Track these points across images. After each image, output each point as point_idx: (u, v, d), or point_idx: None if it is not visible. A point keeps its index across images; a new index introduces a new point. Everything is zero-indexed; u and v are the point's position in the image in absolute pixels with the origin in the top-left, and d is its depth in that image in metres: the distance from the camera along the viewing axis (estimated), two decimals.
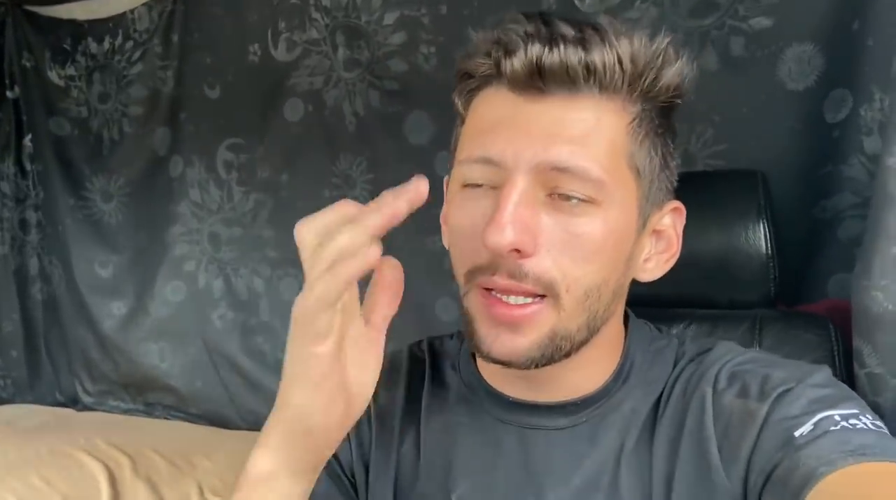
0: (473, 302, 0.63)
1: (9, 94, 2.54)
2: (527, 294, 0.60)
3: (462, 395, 0.74)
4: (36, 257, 2.56)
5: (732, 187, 1.10)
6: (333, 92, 1.91)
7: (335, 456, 0.73)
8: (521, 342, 0.61)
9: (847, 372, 1.01)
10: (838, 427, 0.57)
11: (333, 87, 1.91)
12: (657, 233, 0.68)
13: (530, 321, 0.61)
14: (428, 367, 0.78)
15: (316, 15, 1.90)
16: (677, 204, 0.69)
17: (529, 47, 0.58)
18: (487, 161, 0.60)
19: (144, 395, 2.36)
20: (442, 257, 2.01)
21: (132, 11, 2.21)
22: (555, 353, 0.62)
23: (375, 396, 0.74)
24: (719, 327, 1.09)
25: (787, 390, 0.62)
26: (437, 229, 0.73)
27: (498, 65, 0.61)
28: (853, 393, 0.64)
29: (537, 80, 0.59)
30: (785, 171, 1.32)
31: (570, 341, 0.63)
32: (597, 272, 0.61)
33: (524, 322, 0.61)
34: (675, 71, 0.61)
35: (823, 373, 0.65)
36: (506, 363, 0.63)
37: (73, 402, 2.52)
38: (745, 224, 1.06)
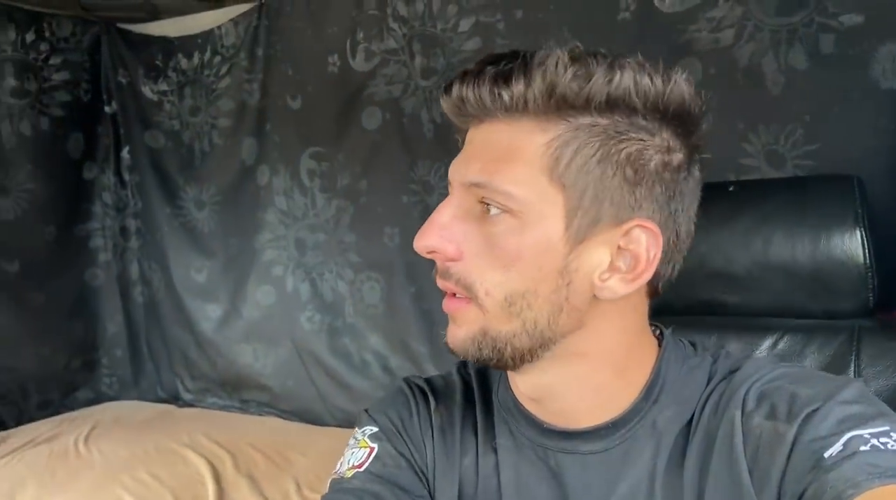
0: None
1: (107, 109, 2.70)
2: (454, 294, 0.67)
3: (503, 418, 0.76)
4: (136, 263, 2.72)
5: (827, 193, 1.08)
6: (411, 100, 1.95)
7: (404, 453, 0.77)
8: (458, 333, 0.67)
9: None
10: (868, 447, 0.56)
11: (411, 95, 1.95)
12: (622, 250, 0.66)
13: (462, 314, 0.67)
14: (476, 387, 0.81)
15: (393, 25, 1.94)
16: (647, 223, 0.65)
17: (456, 86, 0.66)
18: (448, 181, 0.69)
19: (240, 392, 2.48)
20: None
21: (219, 27, 2.31)
22: (495, 353, 0.66)
23: (436, 409, 0.78)
24: (814, 339, 1.07)
25: (815, 410, 0.61)
26: None
27: (442, 104, 0.70)
28: (886, 408, 0.62)
29: (462, 112, 0.67)
30: (879, 172, 1.27)
31: (509, 345, 0.66)
32: (517, 280, 0.64)
33: (458, 315, 0.67)
34: (598, 83, 0.61)
35: (854, 388, 0.64)
36: (454, 353, 0.69)
37: (174, 398, 2.67)
38: (841, 231, 1.03)
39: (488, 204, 0.64)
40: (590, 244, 0.64)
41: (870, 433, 0.58)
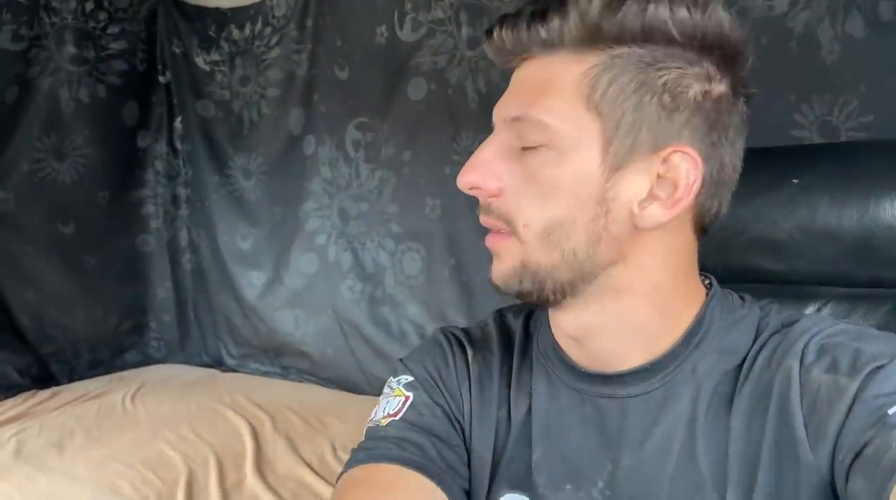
0: None
1: (161, 78, 2.77)
2: (496, 228, 0.68)
3: (541, 364, 0.76)
4: (185, 230, 2.79)
5: (876, 158, 1.04)
6: (457, 70, 1.95)
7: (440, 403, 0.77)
8: (501, 268, 0.68)
9: None
10: None
11: (457, 65, 1.95)
12: (661, 178, 0.66)
13: (503, 249, 0.67)
14: (516, 338, 0.81)
15: None
16: (687, 148, 0.65)
17: (496, 31, 0.68)
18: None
19: (281, 359, 2.53)
20: None
21: None
22: (537, 286, 0.67)
23: (473, 359, 0.79)
24: (860, 307, 1.03)
25: (880, 367, 0.60)
26: None
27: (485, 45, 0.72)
28: None
29: (506, 54, 0.69)
30: None
31: (549, 277, 0.66)
32: (554, 210, 0.65)
33: (498, 249, 0.68)
34: (634, 13, 0.62)
35: None
36: (498, 288, 0.69)
37: (217, 363, 2.74)
38: (890, 197, 1.00)
39: (525, 138, 0.66)
40: (627, 172, 0.64)
41: None
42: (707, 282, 0.75)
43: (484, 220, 0.69)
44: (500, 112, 0.68)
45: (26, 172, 2.49)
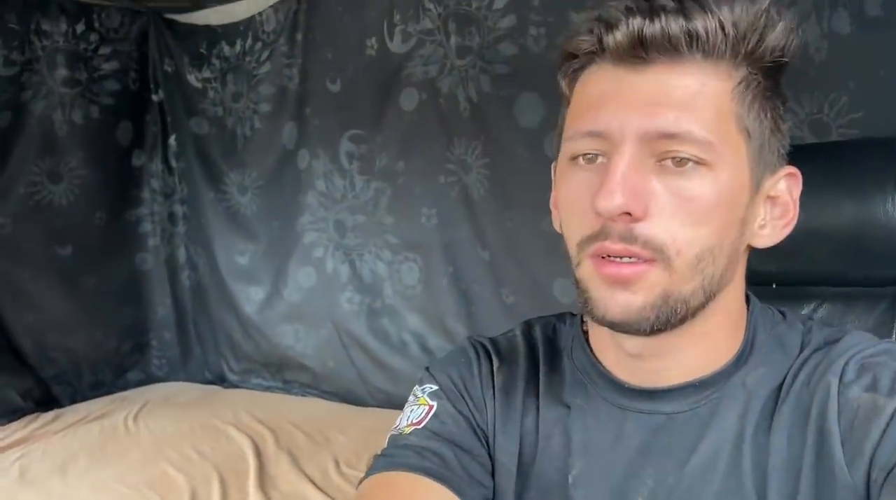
0: (586, 270, 0.64)
1: (154, 97, 2.77)
2: (637, 257, 0.61)
3: (577, 380, 0.74)
4: (183, 247, 2.80)
5: (868, 157, 1.04)
6: (447, 79, 1.95)
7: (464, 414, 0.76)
8: (635, 301, 0.62)
9: None
10: None
11: (447, 74, 1.95)
12: (772, 199, 0.66)
13: (641, 279, 0.61)
14: (542, 352, 0.79)
15: (429, 5, 1.94)
16: (792, 169, 0.66)
17: (631, 20, 0.60)
18: (595, 134, 0.62)
19: (283, 373, 2.53)
20: (558, 238, 2.00)
21: (260, 14, 2.35)
22: (671, 316, 0.62)
23: (499, 369, 0.77)
24: (854, 307, 1.03)
25: None
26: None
27: (601, 40, 0.62)
28: None
29: (640, 51, 0.60)
30: None
31: (685, 305, 0.63)
32: (709, 235, 0.61)
33: (635, 280, 0.61)
34: (779, 33, 0.60)
35: None
36: (622, 324, 0.63)
37: (220, 379, 2.74)
38: (882, 195, 0.99)
39: (675, 156, 0.60)
40: (761, 194, 0.65)
41: None
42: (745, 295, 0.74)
43: (622, 248, 0.61)
44: (633, 124, 0.60)
45: (22, 195, 2.50)
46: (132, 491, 1.77)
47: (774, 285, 1.11)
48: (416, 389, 0.79)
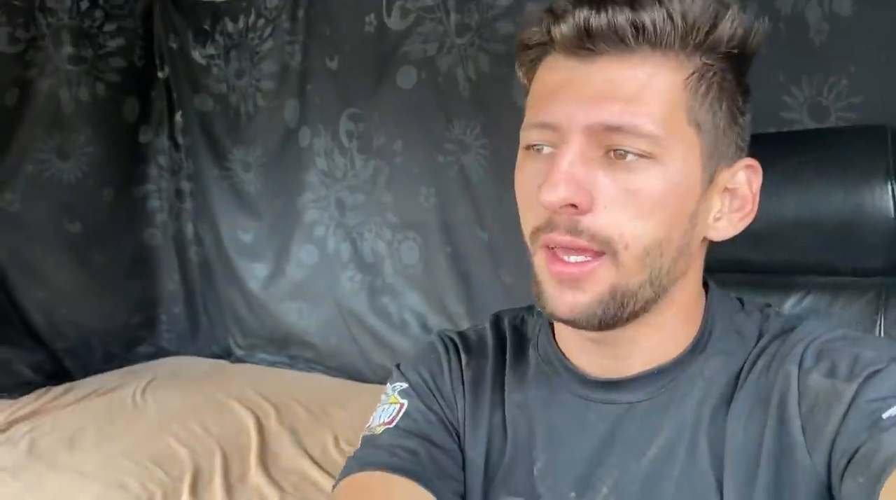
0: (539, 262, 0.64)
1: (160, 74, 2.78)
2: (584, 251, 0.61)
3: (542, 370, 0.75)
4: (191, 223, 2.82)
5: (857, 144, 1.02)
6: (447, 58, 1.94)
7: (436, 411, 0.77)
8: (582, 299, 0.62)
9: None
10: None
11: (447, 53, 1.93)
12: (730, 191, 0.65)
13: (589, 278, 0.61)
14: (509, 343, 0.79)
15: None
16: (751, 161, 0.65)
17: (577, 12, 0.59)
18: (545, 126, 0.62)
19: (287, 349, 2.56)
20: None
21: None
22: (618, 311, 0.62)
23: (468, 365, 0.78)
24: (840, 297, 1.02)
25: (877, 371, 0.59)
26: None
27: (549, 31, 0.61)
28: None
29: (587, 43, 0.59)
30: None
31: (633, 299, 0.63)
32: (656, 229, 0.61)
33: (583, 278, 0.61)
34: (730, 23, 0.59)
35: None
36: (570, 322, 0.63)
37: (227, 354, 2.78)
38: (871, 185, 0.98)
39: (620, 149, 0.59)
40: (715, 187, 0.64)
41: None
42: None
43: (568, 241, 0.61)
44: (580, 117, 0.59)
45: (31, 172, 2.53)
46: (137, 465, 1.81)
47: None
48: (388, 387, 0.79)
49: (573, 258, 0.61)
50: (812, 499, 0.61)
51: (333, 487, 0.72)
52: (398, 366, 0.81)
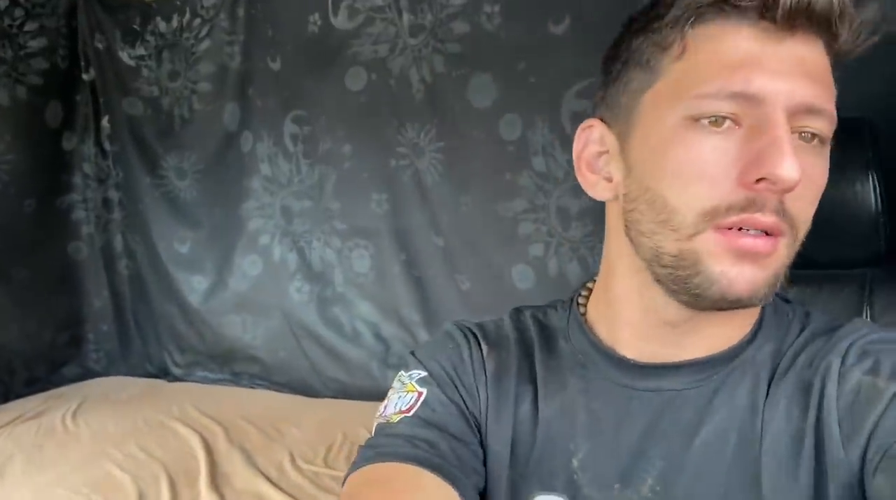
0: (707, 242, 0.61)
1: (84, 76, 2.61)
2: (775, 232, 0.60)
3: (578, 362, 0.73)
4: (120, 235, 2.66)
5: (840, 137, 1.03)
6: (399, 59, 1.88)
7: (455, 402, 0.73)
8: (762, 276, 0.60)
9: None
10: None
11: (399, 54, 1.88)
12: None
13: (773, 254, 0.60)
14: (536, 336, 0.77)
15: None
16: None
17: None
18: (745, 96, 0.58)
19: (231, 365, 2.44)
20: (516, 223, 1.99)
21: None
22: (774, 290, 0.62)
23: (489, 355, 0.75)
24: (824, 289, 1.03)
25: None
26: (508, 195, 0.73)
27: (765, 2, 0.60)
28: None
29: (800, 19, 0.58)
30: (889, 120, 1.23)
31: (780, 280, 0.63)
32: (814, 208, 0.62)
33: (769, 254, 0.60)
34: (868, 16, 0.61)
35: None
36: (745, 299, 0.61)
37: (163, 373, 2.63)
38: (852, 176, 0.99)
39: (814, 132, 0.60)
40: None
41: None
42: None
43: (773, 222, 0.59)
44: (786, 93, 0.58)
45: None
46: (75, 494, 1.68)
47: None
48: (403, 375, 0.75)
49: (753, 231, 0.60)
50: (844, 491, 0.60)
51: (344, 478, 0.67)
52: (413, 354, 0.77)
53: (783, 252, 0.60)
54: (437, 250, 1.95)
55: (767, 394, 0.65)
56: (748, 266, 0.60)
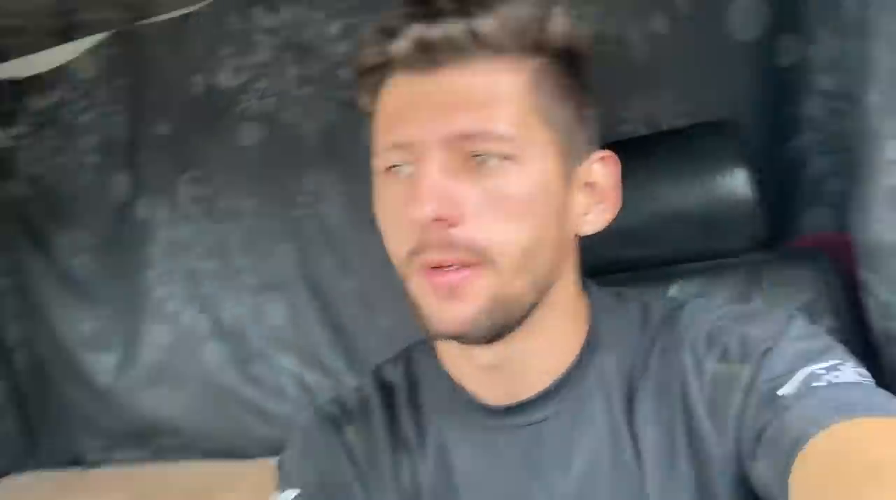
0: (416, 284, 0.64)
1: None
2: (461, 264, 0.61)
3: (444, 408, 0.73)
4: (14, 324, 2.50)
5: (708, 139, 1.13)
6: (291, 111, 1.90)
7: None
8: (465, 310, 0.62)
9: (850, 301, 1.05)
10: (823, 383, 0.57)
11: (290, 106, 1.90)
12: (590, 186, 0.69)
13: (469, 285, 0.61)
14: (403, 390, 0.77)
15: (260, 37, 1.89)
16: (604, 153, 0.69)
17: (412, 27, 0.61)
18: (400, 146, 0.63)
19: (151, 441, 2.33)
20: None
21: (74, 61, 2.17)
22: (506, 318, 0.63)
23: (356, 434, 0.75)
24: (717, 279, 1.11)
25: (768, 350, 0.62)
26: None
27: (386, 51, 0.62)
28: (830, 340, 0.64)
29: (426, 57, 0.61)
30: (747, 119, 1.35)
31: (518, 304, 0.63)
32: (530, 230, 0.62)
33: (463, 286, 0.61)
34: (557, 24, 0.64)
35: (799, 323, 0.65)
36: (460, 336, 0.63)
37: (79, 461, 2.47)
38: (725, 171, 1.08)
39: (481, 155, 0.60)
40: (575, 181, 0.65)
41: (823, 368, 0.58)
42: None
43: (442, 257, 0.60)
44: (434, 130, 0.60)
45: None
46: None
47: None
48: (277, 496, 0.73)
49: (451, 267, 0.62)
50: (732, 488, 0.62)
51: None
52: (279, 466, 0.76)
53: (483, 283, 0.61)
54: (352, 292, 1.96)
55: (631, 409, 0.66)
56: (448, 303, 0.62)
